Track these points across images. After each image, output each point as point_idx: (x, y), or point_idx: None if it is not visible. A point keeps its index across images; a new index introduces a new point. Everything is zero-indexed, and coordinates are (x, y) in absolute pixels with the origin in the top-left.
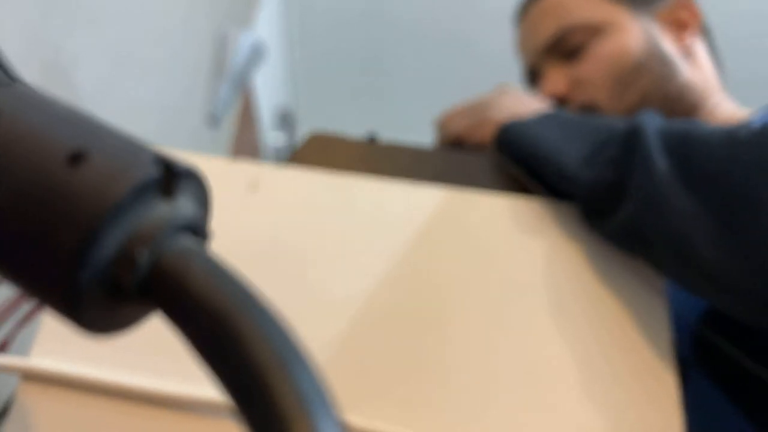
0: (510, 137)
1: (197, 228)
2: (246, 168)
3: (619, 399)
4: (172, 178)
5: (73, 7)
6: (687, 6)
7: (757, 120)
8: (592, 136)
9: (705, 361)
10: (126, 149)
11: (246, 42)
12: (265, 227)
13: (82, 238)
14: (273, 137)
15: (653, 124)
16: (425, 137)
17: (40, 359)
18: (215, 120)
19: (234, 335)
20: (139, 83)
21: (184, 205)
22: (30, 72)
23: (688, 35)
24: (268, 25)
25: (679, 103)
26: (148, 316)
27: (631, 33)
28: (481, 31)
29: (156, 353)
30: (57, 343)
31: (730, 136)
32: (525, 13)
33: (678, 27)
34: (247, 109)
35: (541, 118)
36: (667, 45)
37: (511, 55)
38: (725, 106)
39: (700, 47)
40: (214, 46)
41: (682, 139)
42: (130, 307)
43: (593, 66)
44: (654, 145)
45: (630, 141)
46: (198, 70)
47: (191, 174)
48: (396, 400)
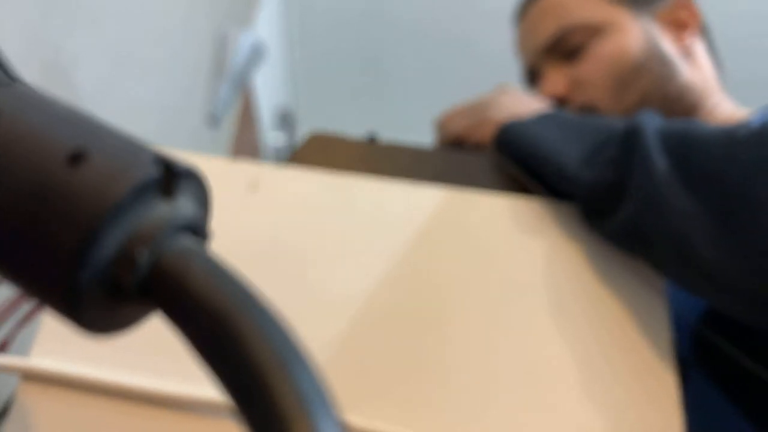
0: (509, 137)
1: (197, 228)
2: (246, 168)
3: (619, 399)
4: (172, 178)
5: (73, 7)
6: (686, 6)
7: (756, 120)
8: (592, 136)
9: (705, 360)
10: (126, 149)
11: (246, 42)
12: (265, 227)
13: (82, 238)
14: (273, 137)
15: (652, 124)
16: (425, 137)
17: (40, 359)
18: (215, 120)
19: (234, 335)
20: (139, 83)
21: (184, 205)
22: (30, 72)
23: (687, 35)
24: (268, 25)
25: (679, 104)
26: (148, 316)
27: (631, 33)
28: (481, 31)
29: (156, 353)
30: (57, 343)
31: (729, 136)
32: (524, 13)
33: (677, 27)
34: (247, 109)
35: (541, 118)
36: (667, 45)
37: (511, 55)
38: (724, 107)
39: (699, 47)
40: (214, 46)
41: (681, 138)
42: (130, 307)
43: (593, 66)
44: (653, 145)
45: (629, 141)
46: (198, 70)
47: (191, 174)
48: (396, 400)
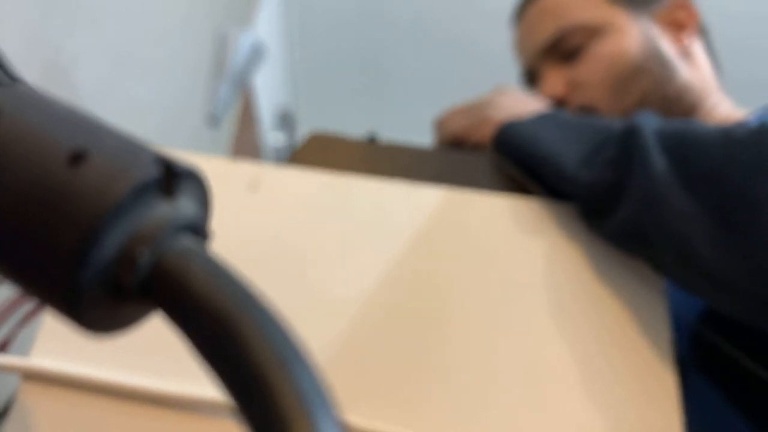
0: (508, 137)
1: (198, 228)
2: (246, 168)
3: (619, 399)
4: (173, 178)
5: (73, 7)
6: (685, 7)
7: (754, 120)
8: (591, 136)
9: (704, 360)
10: (126, 149)
11: (246, 42)
12: (265, 227)
13: (82, 238)
14: (273, 137)
15: (651, 124)
16: (425, 137)
17: (40, 359)
18: (215, 120)
19: (234, 335)
20: (139, 83)
21: (184, 205)
22: (30, 72)
23: (686, 36)
24: (268, 25)
25: (678, 104)
26: (148, 316)
27: (630, 34)
28: (481, 31)
29: (156, 353)
30: (57, 342)
31: (728, 136)
32: (523, 14)
33: (676, 28)
34: (247, 109)
35: (539, 119)
36: (666, 46)
37: (511, 55)
38: (723, 107)
39: (698, 48)
40: (214, 46)
41: (680, 139)
42: (131, 307)
43: (592, 68)
44: (652, 145)
45: (628, 141)
46: (198, 70)
47: (192, 174)
48: (396, 400)
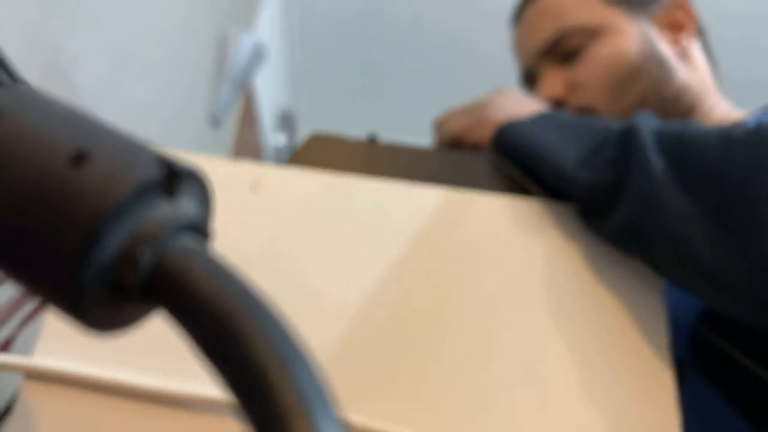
0: (507, 138)
1: (199, 228)
2: (247, 168)
3: (617, 398)
4: (174, 178)
5: (73, 7)
6: (683, 7)
7: (752, 121)
8: (589, 137)
9: (702, 360)
10: (127, 149)
11: (247, 43)
12: (265, 227)
13: (84, 238)
14: (274, 138)
15: (649, 124)
16: (425, 137)
17: (43, 358)
18: (216, 120)
19: (236, 334)
20: (140, 83)
21: (185, 205)
22: (30, 72)
23: (684, 37)
24: (269, 26)
25: (676, 105)
26: (150, 315)
27: (628, 35)
28: (481, 31)
29: (158, 352)
30: (60, 341)
31: (725, 136)
32: (521, 15)
33: (674, 29)
34: (248, 110)
35: (538, 119)
36: (664, 47)
37: (511, 55)
38: (721, 108)
39: (696, 49)
40: (215, 46)
41: (678, 139)
42: (133, 306)
43: (590, 69)
44: (650, 145)
45: (626, 142)
46: (199, 70)
47: (193, 174)
48: (396, 400)
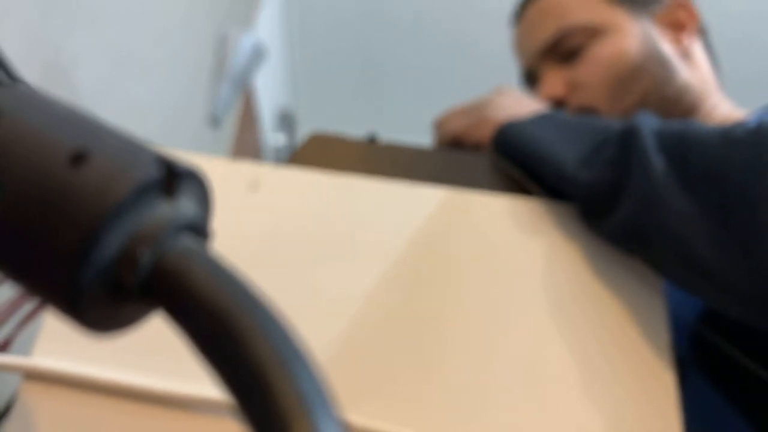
0: (507, 138)
1: (198, 228)
2: (246, 168)
3: (618, 399)
4: (174, 178)
5: (73, 7)
6: (685, 6)
7: (754, 120)
8: (590, 136)
9: (703, 360)
10: (127, 149)
11: (246, 42)
12: (265, 227)
13: (83, 238)
14: (273, 138)
15: (649, 124)
16: (425, 137)
17: (41, 358)
18: (216, 120)
19: (235, 334)
20: (140, 83)
21: (185, 205)
22: (30, 72)
23: (685, 36)
24: (269, 25)
25: (678, 105)
26: (149, 316)
27: (630, 35)
28: (481, 31)
29: (157, 352)
30: (59, 342)
31: (726, 136)
32: (522, 14)
33: (676, 28)
34: (248, 110)
35: (538, 119)
36: (665, 46)
37: (511, 55)
38: (723, 107)
39: (697, 48)
40: (215, 46)
41: (679, 139)
42: (132, 307)
43: (591, 69)
44: (650, 145)
45: (627, 141)
46: (199, 70)
47: (192, 174)
48: (396, 400)
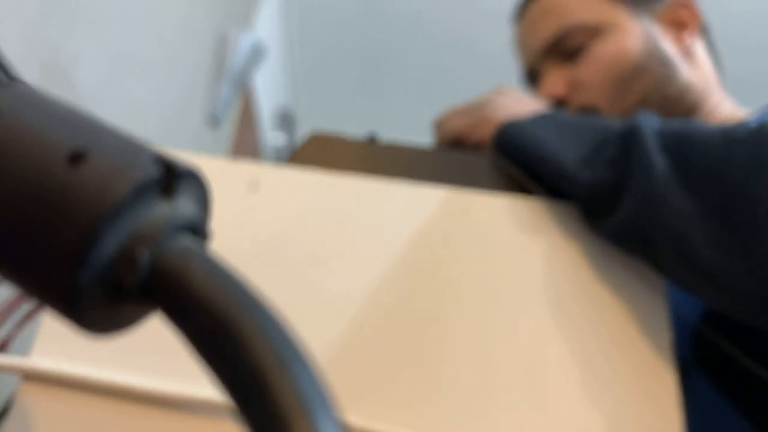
0: (508, 137)
1: (197, 228)
2: (246, 168)
3: (619, 399)
4: (173, 178)
5: (73, 7)
6: (686, 5)
7: (756, 120)
8: (590, 136)
9: (705, 361)
10: (126, 149)
11: (246, 42)
12: (265, 227)
13: (82, 238)
14: (273, 137)
15: (651, 123)
16: (425, 137)
17: (40, 359)
18: (215, 120)
19: (234, 335)
20: (139, 83)
21: (184, 205)
22: (30, 72)
23: (687, 35)
24: (268, 25)
25: (679, 104)
26: (148, 316)
27: (631, 34)
28: (481, 31)
29: (156, 353)
30: (57, 343)
31: (727, 135)
32: (524, 13)
33: (678, 27)
34: (248, 109)
35: (539, 119)
36: (667, 45)
37: (511, 55)
38: (725, 106)
39: (699, 47)
40: (214, 46)
41: (680, 138)
42: (131, 307)
43: (593, 68)
44: (652, 144)
45: (628, 141)
46: (198, 70)
47: (191, 174)
48: (396, 400)
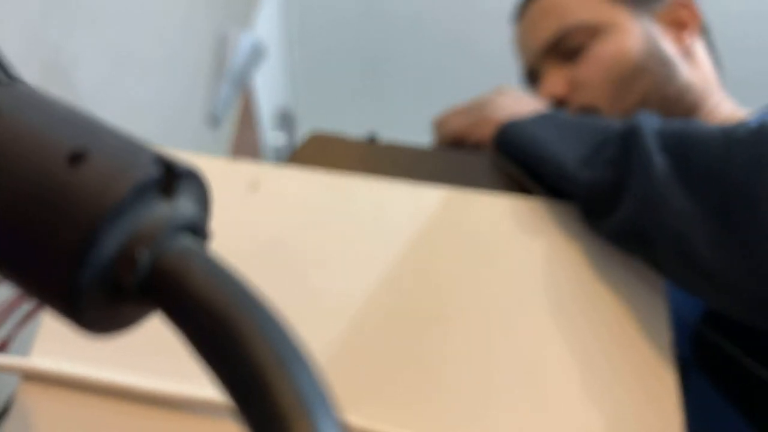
0: (508, 137)
1: (197, 228)
2: (246, 168)
3: (619, 399)
4: (173, 178)
5: (73, 7)
6: (687, 5)
7: (756, 120)
8: (590, 136)
9: (705, 361)
10: (126, 149)
11: (246, 42)
12: (265, 227)
13: (82, 238)
14: (273, 137)
15: (651, 123)
16: (425, 137)
17: (40, 359)
18: (215, 120)
19: (234, 335)
20: (139, 83)
21: (184, 205)
22: (30, 72)
23: (687, 35)
24: (268, 25)
25: (679, 104)
26: (148, 316)
27: (631, 34)
28: (481, 31)
29: (156, 353)
30: (57, 343)
31: (728, 135)
32: (524, 13)
33: (678, 27)
34: (248, 109)
35: (539, 118)
36: (667, 45)
37: (511, 55)
38: (725, 106)
39: (699, 47)
40: (214, 46)
41: (680, 138)
42: (131, 307)
43: (593, 68)
44: (652, 144)
45: (628, 141)
46: (198, 70)
47: (191, 174)
48: (396, 401)
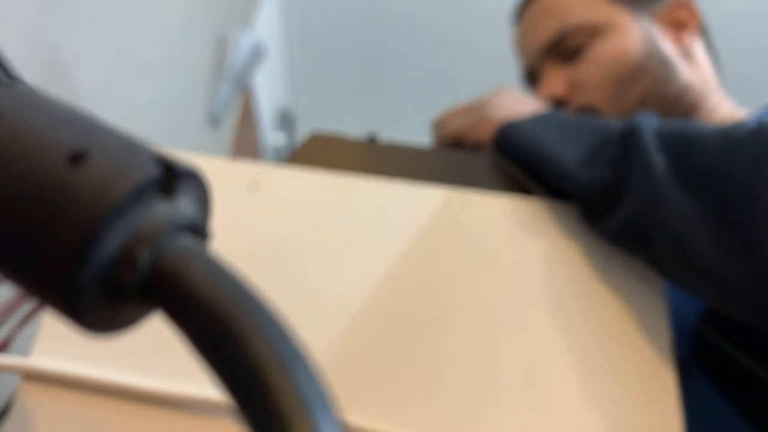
0: (508, 137)
1: (197, 228)
2: (246, 168)
3: (619, 399)
4: (173, 178)
5: (73, 7)
6: (686, 6)
7: (755, 120)
8: (590, 136)
9: (704, 361)
10: (126, 149)
11: (246, 42)
12: (265, 227)
13: (82, 238)
14: (273, 137)
15: (650, 123)
16: (425, 137)
17: (40, 359)
18: (215, 120)
19: (234, 335)
20: (139, 83)
21: (184, 205)
22: (30, 72)
23: (687, 35)
24: (268, 25)
25: (679, 104)
26: (148, 316)
27: (631, 34)
28: (481, 31)
29: (156, 353)
30: (58, 342)
31: (727, 135)
32: (523, 13)
33: (677, 27)
34: (248, 109)
35: (539, 119)
36: (667, 45)
37: (511, 55)
38: (724, 106)
39: (699, 47)
40: (214, 46)
41: (679, 138)
42: (131, 307)
43: (592, 68)
44: (651, 144)
45: (628, 141)
46: (198, 70)
47: (191, 174)
48: (396, 400)
